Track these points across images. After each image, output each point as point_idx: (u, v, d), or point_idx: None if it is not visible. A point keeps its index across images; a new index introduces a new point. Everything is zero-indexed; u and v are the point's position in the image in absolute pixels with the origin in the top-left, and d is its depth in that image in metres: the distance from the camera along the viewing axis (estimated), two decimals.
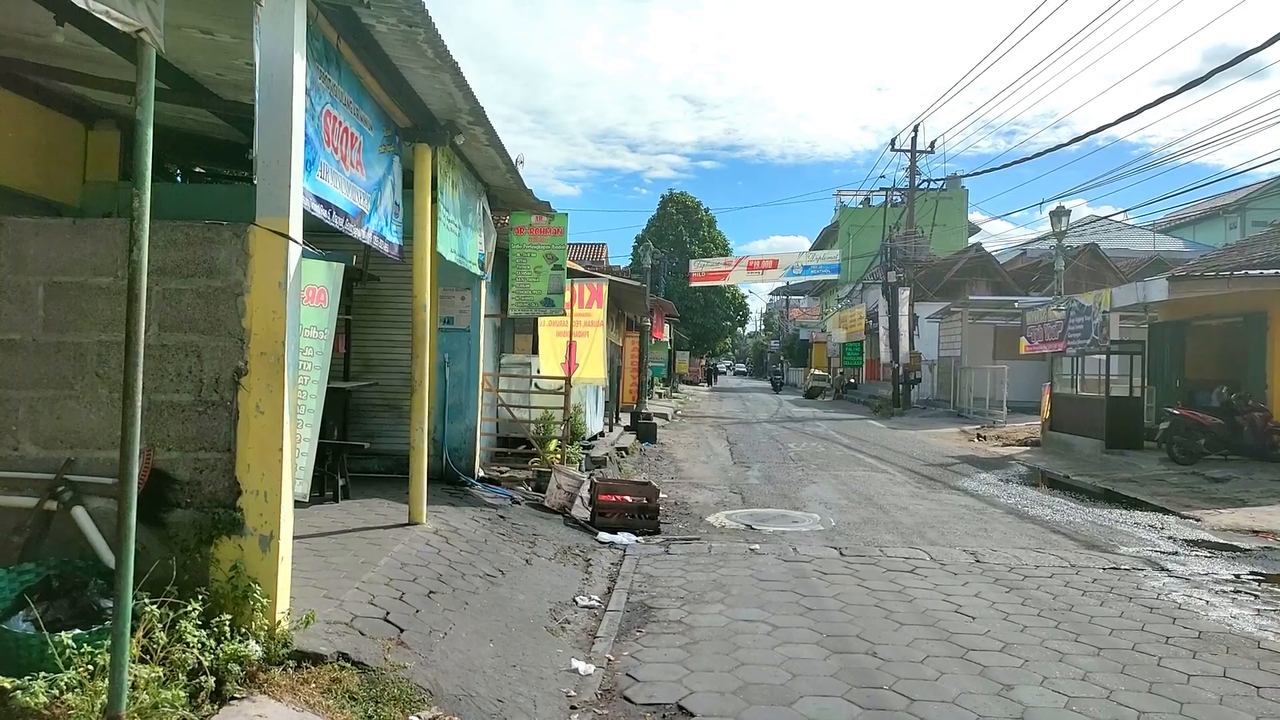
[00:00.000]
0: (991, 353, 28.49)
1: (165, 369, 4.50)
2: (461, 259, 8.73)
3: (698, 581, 7.21)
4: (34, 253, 4.56)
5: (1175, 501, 11.60)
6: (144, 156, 2.99)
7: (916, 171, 32.76)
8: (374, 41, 5.68)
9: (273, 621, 4.36)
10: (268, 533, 4.44)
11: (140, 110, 2.96)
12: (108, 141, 8.93)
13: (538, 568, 7.33)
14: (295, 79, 4.51)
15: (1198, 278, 15.43)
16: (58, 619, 3.87)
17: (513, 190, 9.88)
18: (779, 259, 35.01)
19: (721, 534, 9.38)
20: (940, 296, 33.68)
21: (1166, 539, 9.47)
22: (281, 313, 4.44)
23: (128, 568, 3.12)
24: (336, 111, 5.47)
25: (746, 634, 5.84)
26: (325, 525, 7.17)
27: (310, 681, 4.18)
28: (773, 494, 12.26)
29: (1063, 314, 18.11)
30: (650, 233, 46.30)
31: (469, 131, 7.64)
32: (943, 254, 39.22)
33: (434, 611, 5.49)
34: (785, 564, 7.85)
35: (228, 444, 4.48)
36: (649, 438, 19.13)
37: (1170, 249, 38.07)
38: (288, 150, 4.49)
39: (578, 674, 5.10)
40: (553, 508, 9.58)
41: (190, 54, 6.62)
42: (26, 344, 4.54)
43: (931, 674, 5.11)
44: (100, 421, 4.51)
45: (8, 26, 6.25)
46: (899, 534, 9.39)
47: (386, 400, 10.04)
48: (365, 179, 6.20)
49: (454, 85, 6.48)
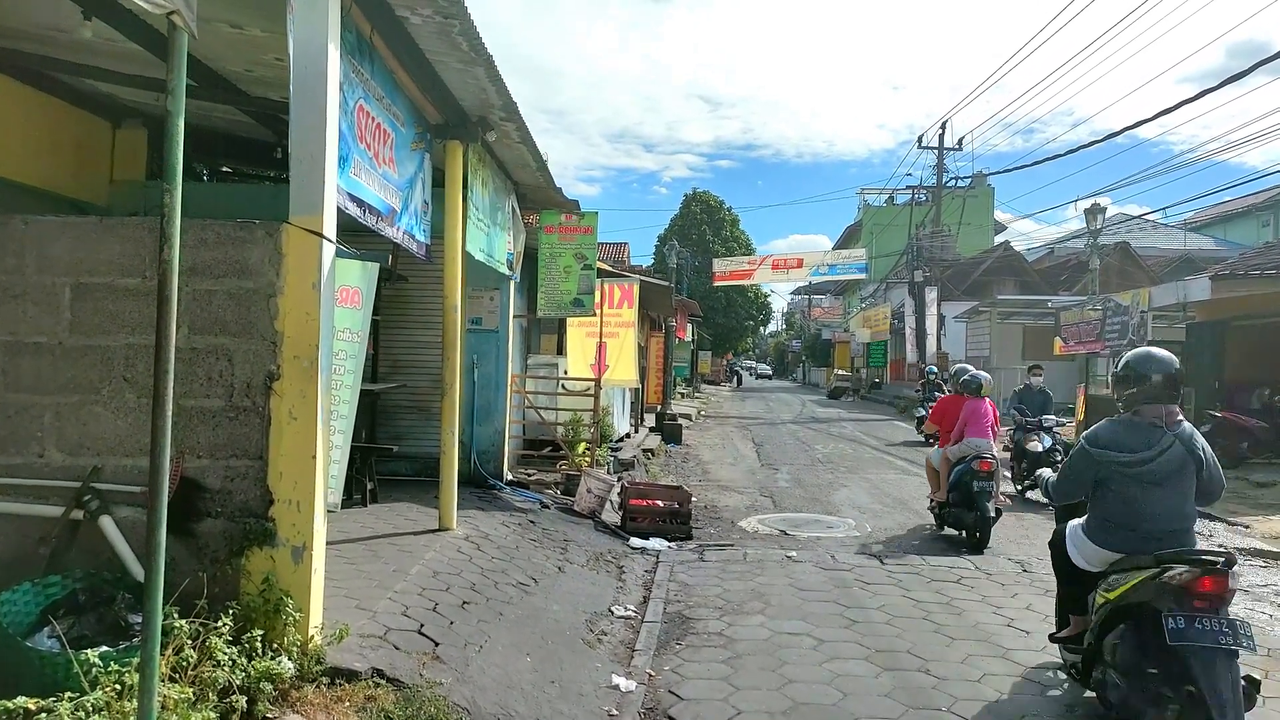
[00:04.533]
0: (1020, 353, 28.03)
1: (195, 373, 4.34)
2: (490, 258, 8.56)
3: (735, 590, 7.00)
4: (60, 253, 4.41)
5: (1220, 507, 11.20)
6: (175, 150, 2.81)
7: (944, 169, 32.33)
8: (407, 34, 5.50)
9: (305, 636, 4.19)
10: (300, 544, 4.27)
11: (171, 100, 2.78)
12: (135, 141, 8.83)
13: (571, 575, 7.14)
14: (329, 72, 4.33)
15: (1241, 276, 15.04)
16: (84, 635, 3.72)
17: (542, 189, 9.70)
18: (804, 258, 34.66)
19: (755, 539, 9.16)
20: (967, 296, 33.23)
21: (1216, 547, 9.14)
22: (315, 315, 4.27)
23: (157, 586, 2.95)
24: (369, 107, 5.29)
25: (791, 648, 5.62)
26: (355, 531, 7.02)
27: (344, 699, 4.01)
28: (804, 498, 12.01)
29: (1099, 314, 17.75)
30: (673, 231, 45.98)
31: (501, 128, 7.46)
32: (968, 253, 38.73)
33: (468, 623, 5.32)
34: (825, 572, 7.62)
35: (259, 451, 4.32)
36: (674, 439, 18.92)
37: (1201, 248, 37.39)
38: (321, 146, 4.31)
39: (619, 691, 4.90)
40: (582, 512, 9.40)
41: (219, 50, 6.49)
42: (52, 347, 4.40)
43: (991, 694, 4.87)
44: (128, 427, 4.36)
45: (36, 22, 6.14)
46: (947, 540, 9.11)
47: (414, 402, 9.89)
48: (397, 176, 6.03)
49: (487, 79, 6.30)
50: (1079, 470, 4.60)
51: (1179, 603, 3.88)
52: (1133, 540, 4.33)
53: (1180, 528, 4.32)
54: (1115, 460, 4.39)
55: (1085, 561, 4.63)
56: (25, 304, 4.41)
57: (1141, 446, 4.36)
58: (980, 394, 9.31)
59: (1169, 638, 3.80)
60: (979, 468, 8.61)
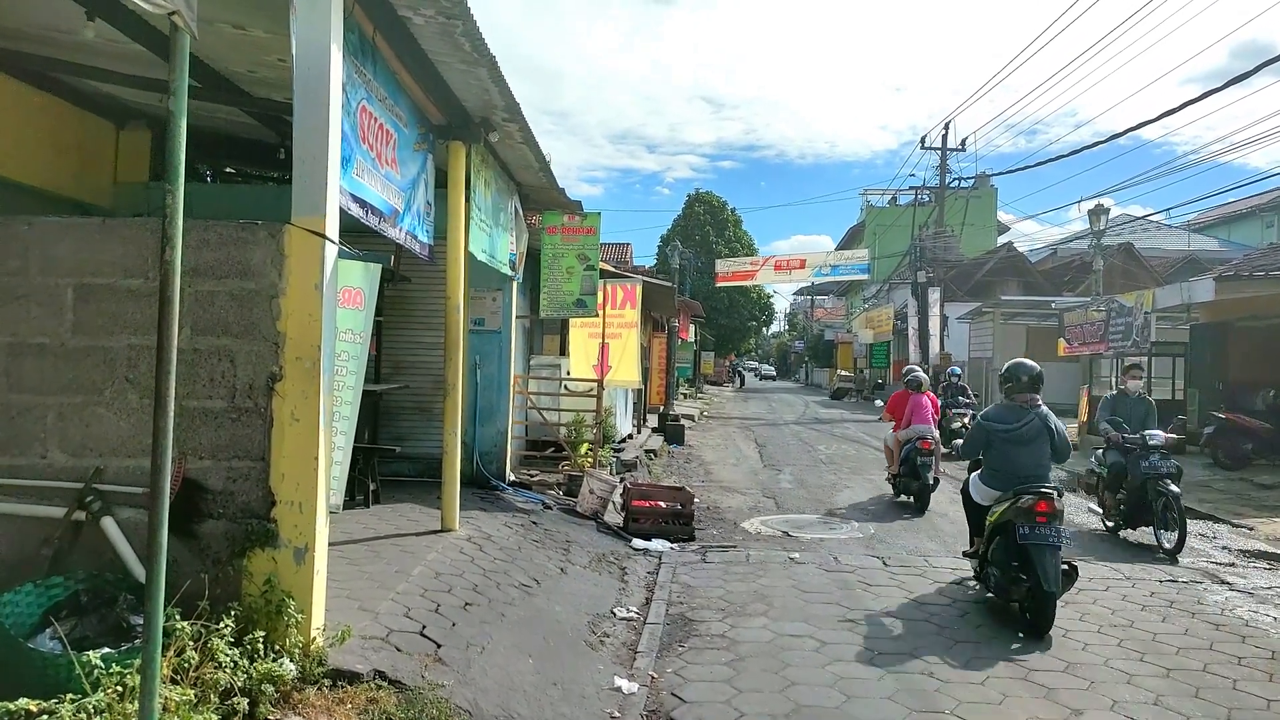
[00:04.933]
0: (1023, 354, 27.90)
1: (197, 374, 4.34)
2: (493, 259, 8.56)
3: (738, 592, 6.98)
4: (63, 254, 4.41)
5: (1225, 509, 11.23)
6: (177, 150, 2.81)
7: (947, 169, 32.27)
8: (410, 35, 5.49)
9: (307, 638, 4.19)
10: (302, 545, 4.27)
11: (173, 101, 2.78)
12: (139, 142, 8.84)
13: (573, 576, 7.13)
14: (332, 73, 4.33)
15: (1245, 277, 15.00)
16: (86, 636, 3.71)
17: (545, 189, 9.69)
18: (806, 259, 34.60)
19: (758, 541, 9.15)
20: (970, 296, 33.16)
21: (1221, 549, 9.13)
22: (318, 316, 4.27)
23: (159, 587, 2.94)
24: (372, 107, 5.29)
25: (794, 650, 5.61)
26: (357, 531, 7.02)
27: (346, 702, 4.01)
28: (807, 498, 11.99)
29: (1103, 315, 17.71)
30: (676, 232, 45.93)
31: (504, 129, 7.46)
32: (971, 254, 38.66)
33: (471, 624, 5.31)
34: (828, 574, 7.60)
35: (262, 452, 4.31)
36: (677, 440, 18.90)
37: (1205, 248, 37.29)
38: (324, 147, 4.31)
39: (621, 693, 4.89)
40: (585, 513, 9.39)
41: (222, 50, 6.49)
42: (55, 348, 4.40)
43: (995, 696, 4.85)
44: (130, 428, 4.36)
45: (39, 23, 6.14)
46: (941, 542, 9.11)
47: (417, 403, 9.89)
48: (400, 177, 6.03)
49: (490, 80, 6.29)
50: (976, 437, 6.85)
51: (1026, 518, 6.01)
52: (1009, 482, 6.34)
53: (1036, 474, 6.32)
54: (998, 429, 6.58)
55: (981, 498, 6.72)
56: (28, 305, 4.41)
57: (1014, 421, 6.52)
58: (921, 390, 11.63)
59: (1018, 539, 5.99)
60: (921, 447, 10.96)
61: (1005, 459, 6.44)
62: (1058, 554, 5.96)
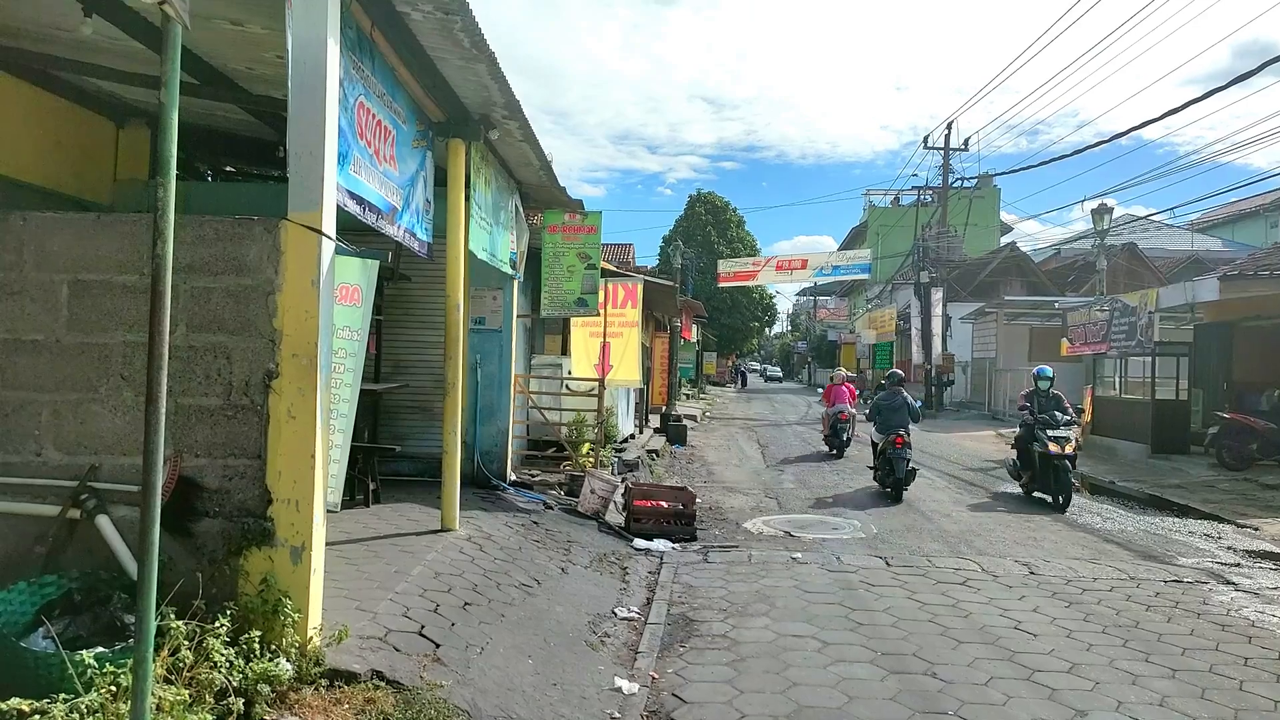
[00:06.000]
0: (1027, 354, 27.89)
1: (193, 371, 4.30)
2: (493, 258, 8.52)
3: (740, 592, 6.94)
4: (58, 249, 4.38)
5: (1229, 509, 11.17)
6: (169, 143, 2.78)
7: (950, 169, 32.21)
8: (408, 30, 5.45)
9: (304, 638, 4.14)
10: (299, 544, 4.23)
11: (165, 92, 2.75)
12: (138, 140, 8.81)
13: (574, 577, 7.09)
14: (329, 68, 4.29)
15: (1250, 277, 14.95)
16: (79, 635, 3.68)
17: (545, 188, 9.65)
18: (808, 259, 34.52)
19: (760, 541, 9.10)
20: (974, 297, 33.11)
21: (1225, 549, 9.07)
22: (314, 312, 4.23)
23: (150, 584, 2.90)
24: (370, 104, 5.25)
25: (796, 650, 5.56)
26: (357, 531, 6.98)
27: (344, 702, 3.97)
28: (809, 499, 11.95)
29: (1106, 314, 17.64)
30: (678, 232, 45.91)
31: (503, 126, 7.42)
32: (974, 254, 38.60)
33: (470, 624, 5.27)
34: (830, 574, 7.55)
35: (258, 450, 4.27)
36: (679, 440, 18.85)
37: (1209, 249, 37.20)
38: (321, 142, 4.27)
39: (621, 693, 4.85)
40: (586, 513, 9.34)
41: (220, 47, 6.46)
42: (50, 345, 4.36)
43: (998, 698, 4.80)
44: (125, 426, 4.32)
45: (37, 20, 6.11)
46: (944, 542, 9.06)
47: (417, 402, 9.85)
48: (398, 174, 5.98)
49: (489, 77, 6.25)
50: (874, 409, 12.84)
51: (891, 445, 11.82)
52: (886, 429, 12.05)
53: (899, 424, 11.92)
54: (880, 404, 12.62)
55: (876, 439, 12.78)
56: (23, 301, 4.37)
57: (887, 400, 12.53)
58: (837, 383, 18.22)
59: (886, 453, 11.97)
60: (840, 418, 17.01)
61: (883, 418, 12.31)
62: (905, 462, 11.71)
